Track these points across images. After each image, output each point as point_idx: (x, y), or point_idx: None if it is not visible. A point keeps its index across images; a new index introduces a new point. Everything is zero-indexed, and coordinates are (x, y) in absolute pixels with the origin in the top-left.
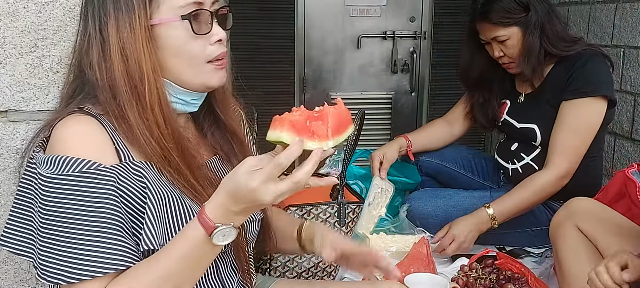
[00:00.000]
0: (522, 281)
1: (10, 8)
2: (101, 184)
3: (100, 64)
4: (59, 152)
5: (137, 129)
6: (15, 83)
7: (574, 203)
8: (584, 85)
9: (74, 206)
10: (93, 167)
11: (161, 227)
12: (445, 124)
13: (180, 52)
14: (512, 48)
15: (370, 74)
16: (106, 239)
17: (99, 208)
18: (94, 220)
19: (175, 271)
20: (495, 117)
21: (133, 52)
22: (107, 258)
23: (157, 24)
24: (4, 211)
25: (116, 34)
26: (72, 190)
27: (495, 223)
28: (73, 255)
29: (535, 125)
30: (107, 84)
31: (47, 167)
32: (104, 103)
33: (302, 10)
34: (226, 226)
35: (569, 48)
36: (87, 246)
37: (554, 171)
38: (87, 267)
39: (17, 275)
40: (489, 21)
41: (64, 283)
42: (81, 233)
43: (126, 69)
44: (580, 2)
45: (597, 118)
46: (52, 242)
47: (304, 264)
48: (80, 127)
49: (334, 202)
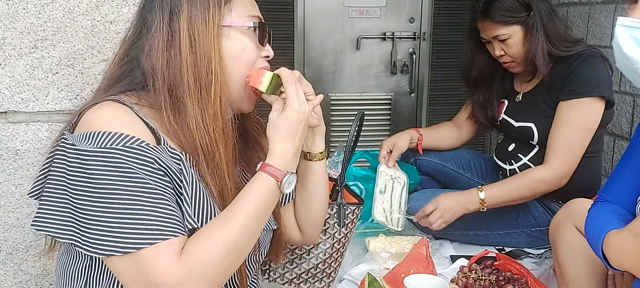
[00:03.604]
0: (521, 282)
1: (10, 9)
2: (148, 159)
3: (162, 54)
4: (100, 129)
5: (193, 119)
6: (14, 84)
7: (573, 204)
8: (581, 85)
9: (124, 177)
10: (137, 143)
11: (197, 210)
12: (454, 126)
13: (242, 57)
14: (513, 47)
15: (369, 75)
16: (163, 205)
17: (148, 180)
18: (146, 190)
19: (250, 223)
20: (494, 116)
21: (202, 46)
22: (168, 221)
23: (227, 26)
24: (4, 211)
25: (187, 28)
26: (120, 162)
27: (484, 206)
28: (133, 223)
29: (532, 124)
30: (166, 73)
31: (88, 142)
32: (156, 91)
33: (301, 11)
34: (291, 173)
35: (570, 48)
36: (147, 212)
37: (551, 169)
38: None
39: (17, 276)
40: (491, 19)
41: (129, 251)
42: (136, 201)
43: (194, 61)
44: (580, 3)
45: (595, 118)
46: (105, 214)
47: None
48: (118, 110)
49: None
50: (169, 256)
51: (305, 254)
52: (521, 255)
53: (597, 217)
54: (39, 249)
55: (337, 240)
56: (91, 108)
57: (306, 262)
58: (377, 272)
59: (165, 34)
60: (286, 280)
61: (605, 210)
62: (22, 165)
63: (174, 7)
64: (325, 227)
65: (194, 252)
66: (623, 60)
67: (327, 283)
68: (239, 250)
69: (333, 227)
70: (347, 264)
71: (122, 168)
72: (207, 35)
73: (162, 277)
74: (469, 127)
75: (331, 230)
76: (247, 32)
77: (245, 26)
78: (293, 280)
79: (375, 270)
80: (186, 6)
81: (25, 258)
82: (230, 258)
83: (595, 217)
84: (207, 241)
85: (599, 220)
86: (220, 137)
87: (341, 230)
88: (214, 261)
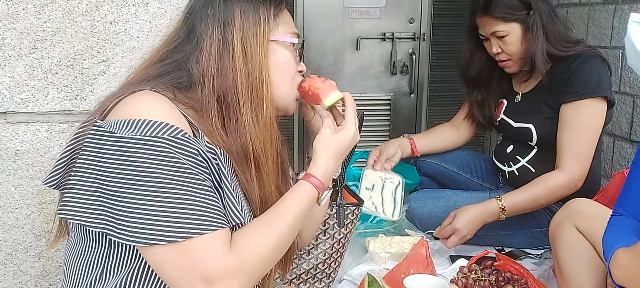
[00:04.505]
0: (521, 282)
1: (9, 10)
2: (193, 150)
3: (214, 61)
4: (143, 117)
5: (246, 126)
6: (14, 85)
7: (573, 204)
8: (584, 86)
9: (170, 167)
10: (181, 133)
11: (239, 204)
12: (452, 127)
13: (286, 71)
14: (510, 45)
15: (369, 76)
16: (210, 197)
17: (195, 171)
18: (193, 181)
19: (293, 228)
20: (492, 115)
21: (254, 57)
22: (215, 213)
23: (274, 40)
24: (3, 212)
25: (240, 38)
26: (166, 151)
27: (504, 215)
28: (181, 212)
29: (531, 124)
30: (217, 80)
31: (131, 130)
32: (203, 95)
33: (301, 12)
34: (329, 189)
35: (569, 49)
36: (195, 202)
37: (565, 174)
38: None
39: (16, 276)
40: (491, 15)
41: (177, 240)
42: (184, 191)
43: (247, 71)
44: (580, 4)
45: (600, 118)
46: (149, 203)
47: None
48: (160, 99)
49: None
50: (218, 247)
51: (305, 254)
52: (521, 256)
53: (611, 232)
54: (38, 249)
55: (337, 241)
56: (129, 96)
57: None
58: (377, 273)
59: (217, 42)
60: (286, 280)
61: (619, 225)
62: (22, 165)
63: (227, 17)
64: (325, 227)
65: (244, 246)
66: (635, 57)
67: (327, 283)
68: (280, 250)
69: (333, 227)
70: (346, 264)
71: (169, 158)
72: (258, 48)
73: (214, 267)
74: (467, 128)
75: (331, 230)
76: (289, 47)
77: (289, 42)
78: (293, 281)
79: (375, 270)
80: (239, 18)
81: (24, 259)
82: (274, 256)
83: (608, 232)
84: (255, 238)
85: (612, 236)
86: (269, 145)
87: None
88: (262, 258)
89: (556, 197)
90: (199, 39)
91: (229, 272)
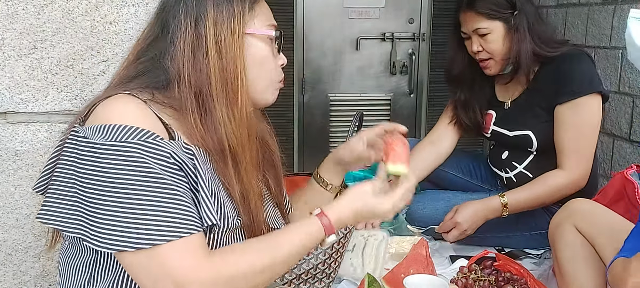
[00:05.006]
0: (521, 282)
1: (9, 10)
2: (163, 153)
3: (188, 57)
4: (115, 122)
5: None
6: (14, 85)
7: (573, 204)
8: (577, 84)
9: (139, 172)
10: (152, 137)
11: (215, 205)
12: (429, 145)
13: (263, 64)
14: (491, 43)
15: (369, 76)
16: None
17: (164, 175)
18: (162, 185)
19: (288, 259)
20: (477, 121)
21: (229, 51)
22: (184, 218)
23: (250, 33)
24: (3, 212)
25: (214, 33)
26: (136, 156)
27: (506, 212)
28: (149, 219)
29: (529, 131)
30: (193, 76)
31: (102, 135)
32: (181, 92)
33: (301, 12)
34: (336, 234)
35: (555, 49)
36: (163, 208)
37: (567, 175)
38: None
39: (16, 276)
40: (475, 10)
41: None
42: (152, 197)
43: (222, 66)
44: (579, 4)
45: (597, 115)
46: (118, 208)
47: (303, 266)
48: (133, 104)
49: None
50: (190, 252)
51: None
52: (521, 256)
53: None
54: (38, 250)
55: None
56: (104, 101)
57: (306, 262)
58: None
59: (191, 38)
60: (286, 281)
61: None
62: (22, 165)
63: (200, 11)
64: None
65: (226, 259)
66: (635, 52)
67: (327, 283)
68: (269, 275)
69: None
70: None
71: (138, 163)
72: (232, 42)
73: (186, 273)
74: (448, 136)
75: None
76: (266, 40)
77: (267, 35)
78: (292, 281)
79: None
80: (212, 12)
81: (24, 259)
82: (260, 278)
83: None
84: (243, 255)
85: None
86: (246, 140)
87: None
88: (245, 276)
89: (560, 196)
90: (172, 36)
91: (202, 279)
